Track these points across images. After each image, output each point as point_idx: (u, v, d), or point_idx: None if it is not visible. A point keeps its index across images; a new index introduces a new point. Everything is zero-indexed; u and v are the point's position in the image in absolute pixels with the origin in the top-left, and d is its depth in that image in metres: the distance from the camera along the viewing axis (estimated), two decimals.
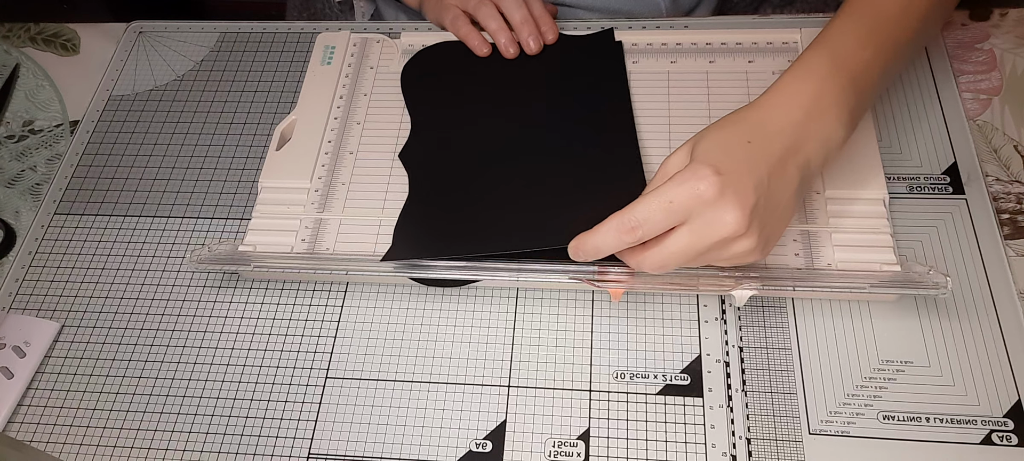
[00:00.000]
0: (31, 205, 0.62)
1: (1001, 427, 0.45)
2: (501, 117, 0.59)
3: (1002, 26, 0.63)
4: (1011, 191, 0.54)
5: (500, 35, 0.62)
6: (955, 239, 0.52)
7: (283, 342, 0.53)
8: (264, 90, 0.66)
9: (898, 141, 0.56)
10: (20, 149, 0.66)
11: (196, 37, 0.71)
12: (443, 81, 0.63)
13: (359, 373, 0.51)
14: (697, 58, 0.62)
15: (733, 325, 0.50)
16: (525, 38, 0.62)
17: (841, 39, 0.47)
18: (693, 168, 0.42)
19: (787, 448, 0.46)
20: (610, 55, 0.62)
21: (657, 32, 0.64)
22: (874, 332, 0.49)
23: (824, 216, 0.51)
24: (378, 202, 0.56)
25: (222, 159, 0.62)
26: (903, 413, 0.46)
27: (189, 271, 0.56)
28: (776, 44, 0.61)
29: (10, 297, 0.57)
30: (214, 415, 0.50)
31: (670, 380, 0.49)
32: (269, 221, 0.56)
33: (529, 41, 0.62)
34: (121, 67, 0.69)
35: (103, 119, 0.66)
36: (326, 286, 0.55)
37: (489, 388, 0.49)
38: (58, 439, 0.50)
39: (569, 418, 0.48)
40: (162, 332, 0.54)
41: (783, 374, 0.48)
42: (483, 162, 0.57)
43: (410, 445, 0.48)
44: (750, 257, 0.44)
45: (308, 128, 0.60)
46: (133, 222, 0.59)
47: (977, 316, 0.49)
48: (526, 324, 0.52)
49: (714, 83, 0.60)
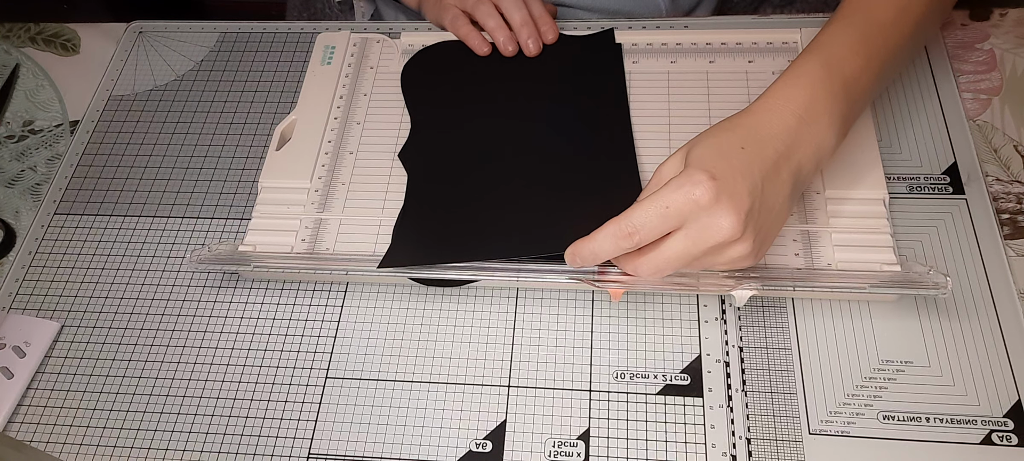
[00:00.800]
0: (31, 205, 0.62)
1: (1001, 427, 0.45)
2: (500, 116, 0.60)
3: (1002, 26, 0.63)
4: (1011, 191, 0.54)
5: (499, 33, 0.62)
6: (955, 239, 0.52)
7: (283, 342, 0.53)
8: (264, 90, 0.66)
9: (898, 141, 0.56)
10: (20, 149, 0.66)
11: (196, 37, 0.71)
12: (443, 81, 0.63)
13: (359, 373, 0.51)
14: (697, 58, 0.62)
15: (733, 325, 0.50)
16: (524, 40, 0.62)
17: (834, 45, 0.47)
18: (688, 173, 0.42)
19: (787, 448, 0.46)
20: (609, 56, 0.62)
21: (657, 32, 0.64)
22: (874, 332, 0.49)
23: (824, 216, 0.51)
24: (378, 202, 0.56)
25: (222, 159, 0.62)
26: (903, 413, 0.46)
27: (189, 271, 0.56)
28: (776, 44, 0.61)
29: (10, 297, 0.57)
30: (214, 415, 0.50)
31: (670, 380, 0.49)
32: (269, 221, 0.56)
33: (528, 43, 0.62)
34: (121, 67, 0.69)
35: (103, 119, 0.66)
36: (326, 286, 0.55)
37: (489, 388, 0.49)
38: (58, 439, 0.50)
39: (569, 418, 0.48)
40: (162, 332, 0.54)
41: (783, 374, 0.48)
42: (482, 162, 0.57)
43: (410, 445, 0.48)
44: (745, 262, 0.44)
45: (308, 128, 0.60)
46: (133, 222, 0.59)
47: (977, 316, 0.49)
48: (526, 324, 0.52)
49: (714, 83, 0.60)
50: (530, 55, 0.63)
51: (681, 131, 0.58)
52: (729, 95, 0.59)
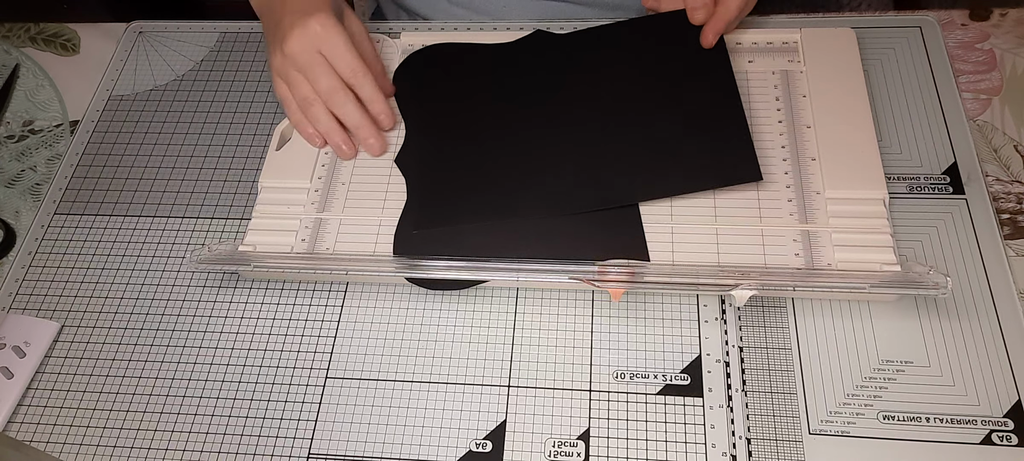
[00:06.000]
0: (31, 205, 0.62)
1: (1001, 427, 0.45)
2: (499, 117, 0.59)
3: (1002, 26, 0.63)
4: (1011, 191, 0.54)
5: (333, 135, 0.58)
6: (955, 239, 0.52)
7: (283, 342, 0.53)
8: (264, 90, 0.66)
9: (898, 141, 0.56)
10: (20, 149, 0.66)
11: (196, 37, 0.71)
12: (437, 82, 0.62)
13: (359, 373, 0.51)
14: None
15: (733, 325, 0.50)
16: (365, 139, 0.58)
17: None
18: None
19: (787, 448, 0.46)
20: (593, 48, 0.62)
21: None
22: (874, 332, 0.49)
23: (824, 216, 0.51)
24: (378, 202, 0.56)
25: (222, 159, 0.62)
26: (903, 413, 0.46)
27: (189, 271, 0.56)
28: (776, 44, 0.61)
29: (10, 297, 0.57)
30: (214, 415, 0.50)
31: (670, 380, 0.49)
32: (269, 221, 0.56)
33: (370, 141, 0.58)
34: (121, 67, 0.69)
35: (103, 119, 0.66)
36: (326, 286, 0.55)
37: (489, 388, 0.49)
38: (58, 439, 0.50)
39: (569, 418, 0.48)
40: (162, 332, 0.54)
41: (783, 374, 0.48)
42: (482, 158, 0.57)
43: (410, 445, 0.48)
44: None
45: None
46: (133, 222, 0.59)
47: (977, 316, 0.49)
48: (526, 324, 0.52)
49: None
50: (374, 155, 0.58)
51: None
52: None
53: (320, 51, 0.56)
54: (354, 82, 0.57)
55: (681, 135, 0.55)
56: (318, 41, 0.55)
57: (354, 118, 0.57)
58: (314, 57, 0.56)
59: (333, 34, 0.55)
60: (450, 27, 0.67)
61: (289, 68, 0.57)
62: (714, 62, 0.58)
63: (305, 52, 0.56)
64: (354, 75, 0.57)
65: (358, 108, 0.58)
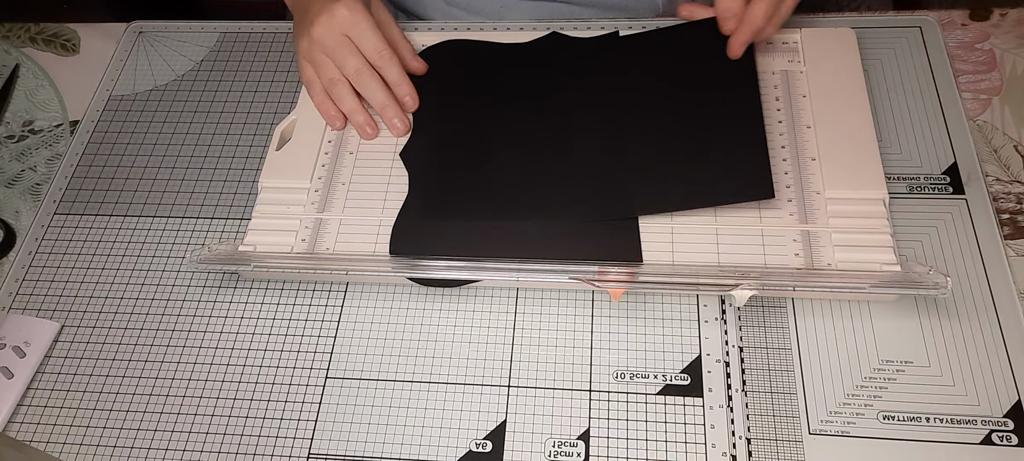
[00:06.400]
0: (31, 205, 0.62)
1: (1001, 427, 0.45)
2: (510, 117, 0.59)
3: (1002, 26, 0.63)
4: (1011, 191, 0.54)
5: (356, 115, 0.59)
6: (955, 239, 0.52)
7: (283, 342, 0.53)
8: (264, 90, 0.66)
9: (898, 141, 0.56)
10: (20, 149, 0.66)
11: (196, 37, 0.71)
12: (450, 78, 0.62)
13: (359, 373, 0.51)
14: None
15: (733, 325, 0.50)
16: (390, 119, 0.59)
17: None
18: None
19: (787, 448, 0.46)
20: (613, 52, 0.62)
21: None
22: (874, 332, 0.49)
23: (824, 216, 0.51)
24: (378, 202, 0.56)
25: (222, 159, 0.62)
26: (903, 413, 0.46)
27: (189, 271, 0.56)
28: (776, 44, 0.61)
29: (10, 297, 0.57)
30: (214, 415, 0.50)
31: (670, 380, 0.49)
32: (269, 221, 0.56)
33: (395, 122, 0.59)
34: (121, 67, 0.69)
35: (103, 119, 0.66)
36: (326, 286, 0.55)
37: (489, 388, 0.49)
38: (58, 439, 0.50)
39: (569, 418, 0.48)
40: (162, 332, 0.54)
41: (783, 374, 0.48)
42: (489, 157, 0.57)
43: (410, 445, 0.48)
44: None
45: (308, 128, 0.60)
46: (133, 222, 0.59)
47: (977, 316, 0.49)
48: (526, 324, 0.52)
49: None
50: (397, 136, 0.59)
51: None
52: None
53: (347, 34, 0.57)
54: (380, 64, 0.58)
55: (695, 148, 0.54)
56: (345, 25, 0.57)
57: (379, 97, 0.58)
58: (341, 39, 0.57)
59: (359, 18, 0.57)
60: (450, 27, 0.67)
61: (316, 51, 0.59)
62: (740, 74, 0.57)
63: (332, 35, 0.57)
64: (380, 57, 0.58)
65: (383, 88, 0.59)
